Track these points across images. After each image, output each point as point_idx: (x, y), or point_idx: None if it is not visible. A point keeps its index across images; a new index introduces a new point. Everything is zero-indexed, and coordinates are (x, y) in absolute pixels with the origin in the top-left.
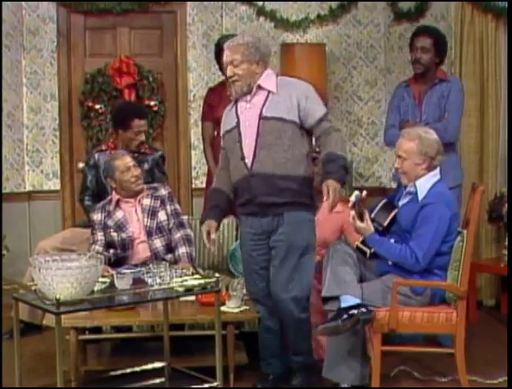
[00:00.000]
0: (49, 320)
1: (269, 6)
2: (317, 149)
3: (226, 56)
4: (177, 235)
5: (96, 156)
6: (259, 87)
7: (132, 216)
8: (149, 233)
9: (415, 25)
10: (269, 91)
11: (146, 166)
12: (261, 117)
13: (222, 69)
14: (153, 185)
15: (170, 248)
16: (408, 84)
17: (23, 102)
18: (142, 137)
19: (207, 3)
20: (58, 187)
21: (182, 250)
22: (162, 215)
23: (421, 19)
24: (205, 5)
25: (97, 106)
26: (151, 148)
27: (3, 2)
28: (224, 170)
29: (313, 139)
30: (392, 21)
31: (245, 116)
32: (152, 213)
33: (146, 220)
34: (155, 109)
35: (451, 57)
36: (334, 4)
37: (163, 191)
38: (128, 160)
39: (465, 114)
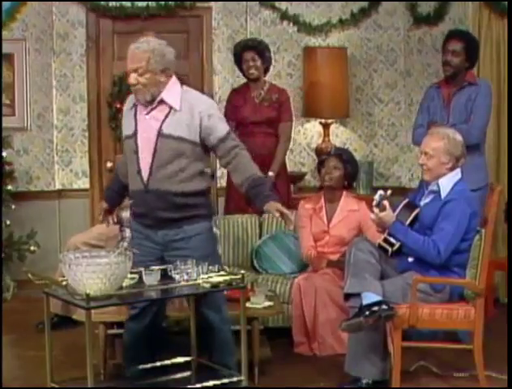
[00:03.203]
0: (79, 315)
1: (292, 10)
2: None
3: (130, 62)
4: None
5: None
6: (161, 101)
7: None
8: None
9: (434, 29)
10: (171, 107)
11: None
12: (159, 134)
13: (243, 71)
14: None
15: None
16: (439, 86)
17: (53, 104)
18: None
19: (232, 8)
20: (87, 186)
21: None
22: None
23: (440, 23)
24: (230, 9)
25: None
26: None
27: (35, 9)
28: (125, 164)
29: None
30: (411, 25)
31: (144, 128)
32: None
33: None
34: None
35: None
36: (355, 8)
37: None
38: None
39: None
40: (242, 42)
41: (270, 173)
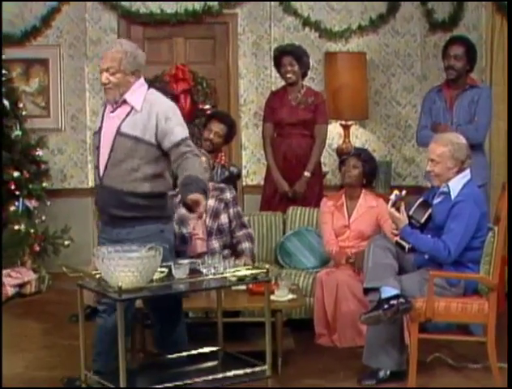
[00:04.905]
0: None
1: (314, 17)
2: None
3: (103, 62)
4: (240, 233)
5: None
6: (124, 101)
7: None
8: (209, 233)
9: (449, 35)
10: (132, 107)
11: (222, 177)
12: (118, 132)
13: (281, 74)
14: (220, 185)
15: (227, 248)
16: (440, 89)
17: (86, 106)
18: (212, 136)
19: (257, 15)
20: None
21: (245, 245)
22: (224, 218)
23: (455, 29)
24: (255, 16)
25: None
26: (229, 163)
27: (69, 17)
28: None
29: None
30: (428, 31)
31: (107, 125)
32: (215, 215)
33: (208, 220)
34: (209, 112)
35: (482, 65)
36: (374, 15)
37: (228, 195)
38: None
39: (494, 118)
40: (281, 47)
41: (306, 173)
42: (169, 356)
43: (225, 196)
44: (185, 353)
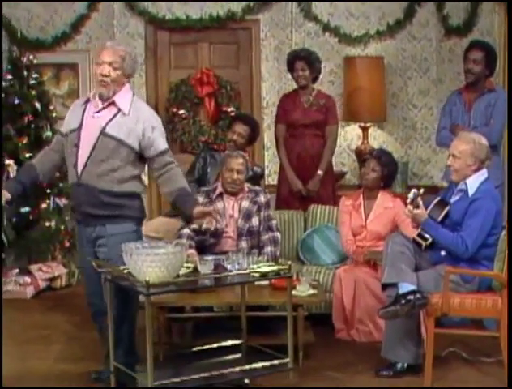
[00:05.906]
0: None
1: (333, 22)
2: (373, 152)
3: (108, 55)
4: (265, 236)
5: (206, 152)
6: (112, 103)
7: (227, 212)
8: (239, 234)
9: (464, 40)
10: (119, 110)
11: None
12: (102, 133)
13: (293, 77)
14: (255, 188)
15: (254, 249)
16: (460, 92)
17: None
18: (236, 137)
19: (278, 20)
20: (146, 184)
21: (267, 249)
22: (255, 221)
23: (469, 34)
24: (276, 22)
25: (181, 112)
26: (253, 163)
27: (98, 23)
28: (52, 152)
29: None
30: (443, 36)
31: (89, 124)
32: (247, 216)
33: (240, 220)
34: (233, 114)
35: (496, 68)
36: (391, 21)
37: (262, 198)
38: (236, 163)
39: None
40: (295, 52)
41: (319, 172)
42: (194, 348)
43: (259, 199)
44: (210, 346)
